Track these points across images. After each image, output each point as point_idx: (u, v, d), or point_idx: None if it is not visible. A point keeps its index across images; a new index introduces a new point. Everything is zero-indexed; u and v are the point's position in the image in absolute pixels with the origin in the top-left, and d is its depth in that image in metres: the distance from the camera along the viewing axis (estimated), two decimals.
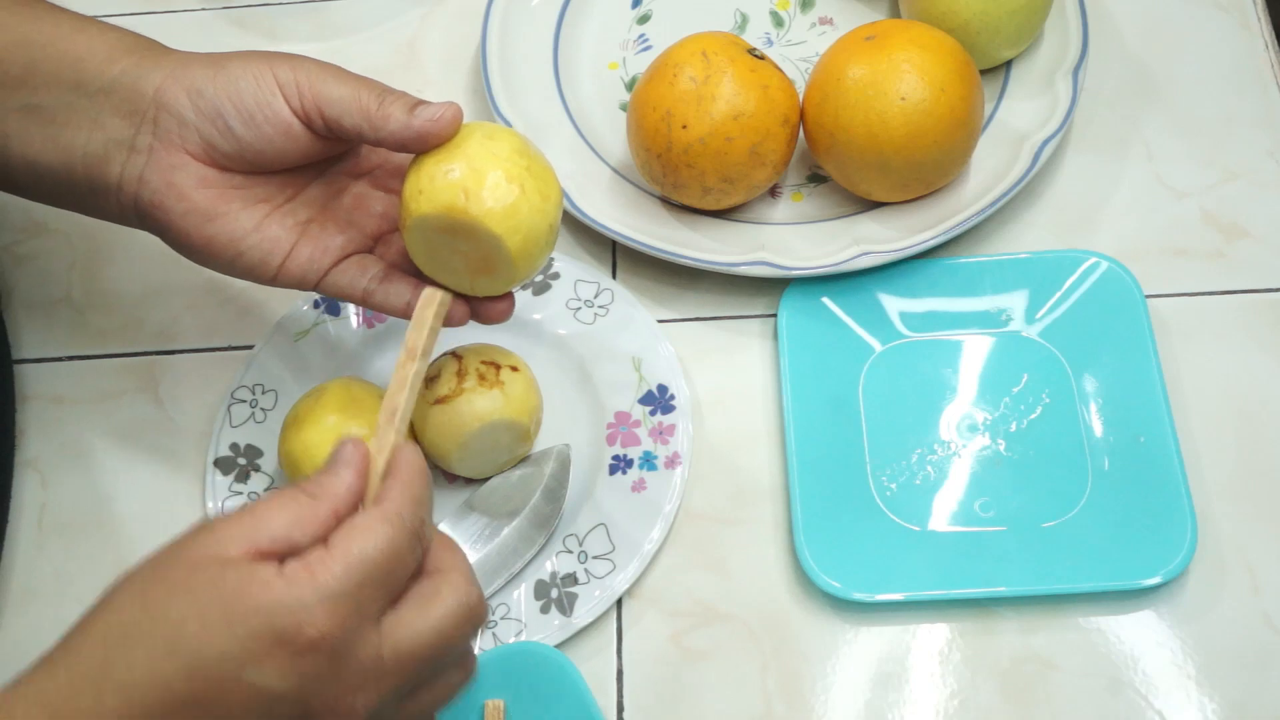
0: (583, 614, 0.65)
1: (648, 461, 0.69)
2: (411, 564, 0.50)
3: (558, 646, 0.64)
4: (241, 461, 0.70)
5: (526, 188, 0.57)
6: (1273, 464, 0.68)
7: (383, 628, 0.49)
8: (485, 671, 0.63)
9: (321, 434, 0.66)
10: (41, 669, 0.47)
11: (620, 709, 0.64)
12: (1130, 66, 0.81)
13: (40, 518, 0.71)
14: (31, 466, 0.73)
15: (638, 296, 0.74)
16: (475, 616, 0.51)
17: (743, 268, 0.72)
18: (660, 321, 0.74)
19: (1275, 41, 0.81)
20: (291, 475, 0.67)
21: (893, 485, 0.68)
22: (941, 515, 0.67)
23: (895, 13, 0.82)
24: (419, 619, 0.49)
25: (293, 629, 0.46)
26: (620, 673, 0.65)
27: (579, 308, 0.73)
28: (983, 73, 0.75)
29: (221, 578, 0.47)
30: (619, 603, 0.67)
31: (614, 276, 0.76)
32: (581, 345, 0.73)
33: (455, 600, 0.50)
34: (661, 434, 0.70)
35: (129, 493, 0.72)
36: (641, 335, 0.72)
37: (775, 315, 0.73)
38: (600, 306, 0.73)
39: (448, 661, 0.51)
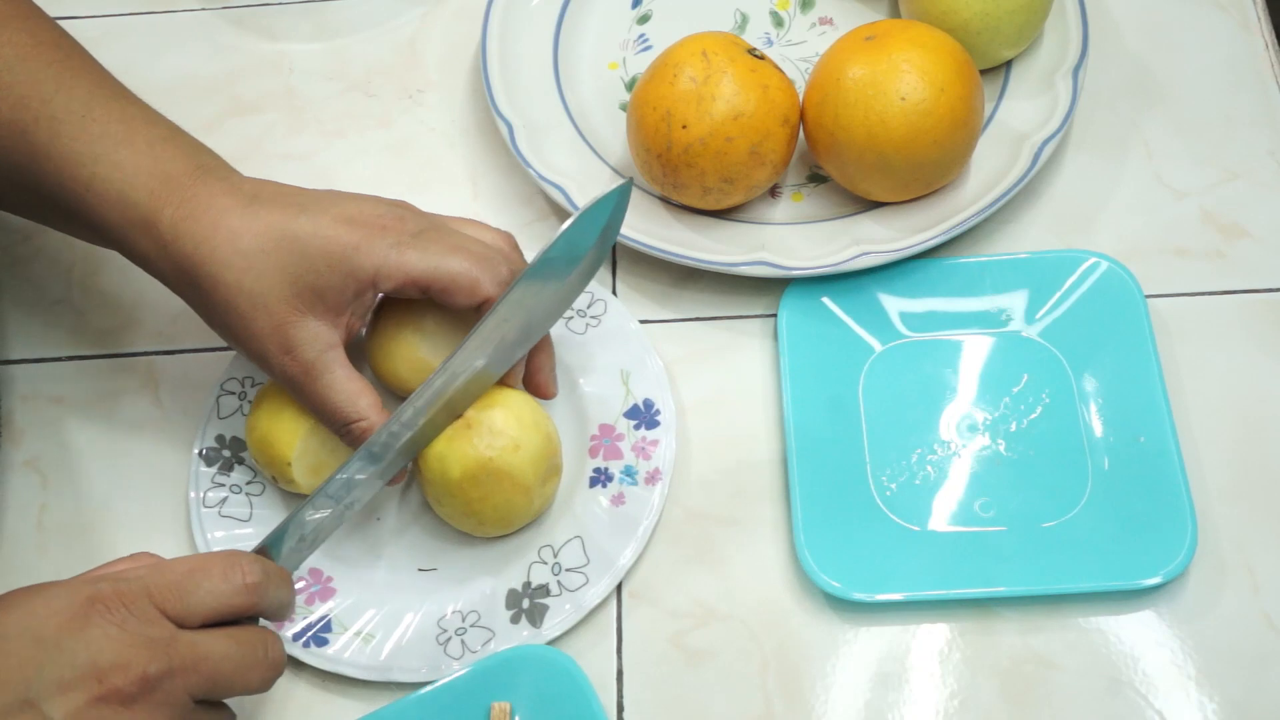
0: (551, 627, 0.65)
1: (628, 476, 0.68)
2: None
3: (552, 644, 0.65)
4: (226, 454, 0.70)
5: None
6: (1273, 464, 0.68)
7: None
8: (491, 674, 0.63)
9: (291, 417, 0.66)
10: None
11: (620, 709, 0.64)
12: (1130, 66, 0.81)
13: (40, 518, 0.71)
14: (31, 466, 0.73)
15: (637, 296, 0.74)
16: None
17: (743, 268, 0.72)
18: (660, 322, 0.74)
19: (1275, 41, 0.81)
20: (264, 457, 0.66)
21: (893, 485, 0.68)
22: (941, 515, 0.67)
23: (895, 13, 0.82)
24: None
25: None
26: (620, 673, 0.65)
27: (571, 317, 0.73)
28: (983, 73, 0.75)
29: None
30: (619, 603, 0.67)
31: (614, 276, 0.76)
32: (571, 355, 0.72)
33: None
34: (644, 449, 0.69)
35: (128, 492, 0.72)
36: (632, 348, 0.72)
37: (775, 315, 0.73)
38: (593, 317, 0.73)
39: None
